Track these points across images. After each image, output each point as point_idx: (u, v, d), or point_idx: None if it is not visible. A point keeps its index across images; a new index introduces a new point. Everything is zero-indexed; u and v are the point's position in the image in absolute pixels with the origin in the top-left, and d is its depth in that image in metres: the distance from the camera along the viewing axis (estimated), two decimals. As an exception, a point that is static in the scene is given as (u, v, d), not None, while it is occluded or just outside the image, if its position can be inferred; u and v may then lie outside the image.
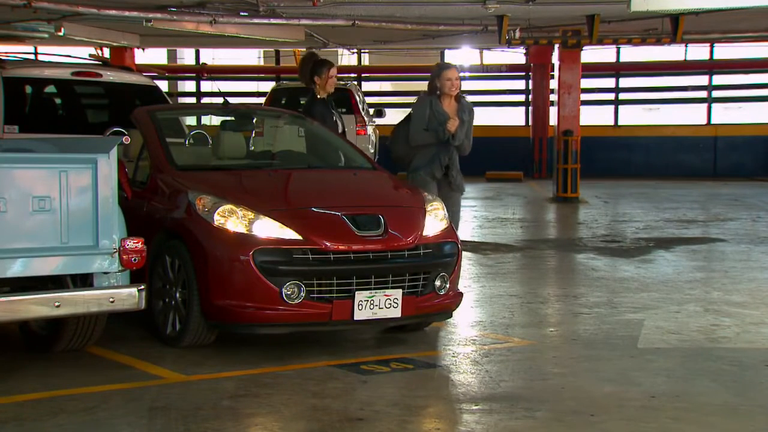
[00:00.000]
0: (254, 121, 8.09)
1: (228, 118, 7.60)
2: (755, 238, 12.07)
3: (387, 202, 6.54)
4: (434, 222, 6.44)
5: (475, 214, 15.03)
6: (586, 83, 19.88)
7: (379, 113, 19.53)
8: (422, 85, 7.86)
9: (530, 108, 24.32)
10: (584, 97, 19.07)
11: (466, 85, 25.02)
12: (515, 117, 25.01)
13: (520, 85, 25.08)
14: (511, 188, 20.06)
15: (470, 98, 8.19)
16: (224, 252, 5.86)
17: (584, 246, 11.38)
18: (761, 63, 23.87)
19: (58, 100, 9.24)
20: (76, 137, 6.17)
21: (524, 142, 23.88)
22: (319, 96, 8.55)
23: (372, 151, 18.08)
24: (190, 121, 17.19)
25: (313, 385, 5.35)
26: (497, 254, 10.67)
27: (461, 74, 8.10)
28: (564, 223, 14.43)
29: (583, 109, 18.40)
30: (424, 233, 6.28)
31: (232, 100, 7.96)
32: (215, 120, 9.51)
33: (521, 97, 25.01)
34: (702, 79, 24.46)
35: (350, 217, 6.10)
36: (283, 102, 17.59)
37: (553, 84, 19.24)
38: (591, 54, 21.28)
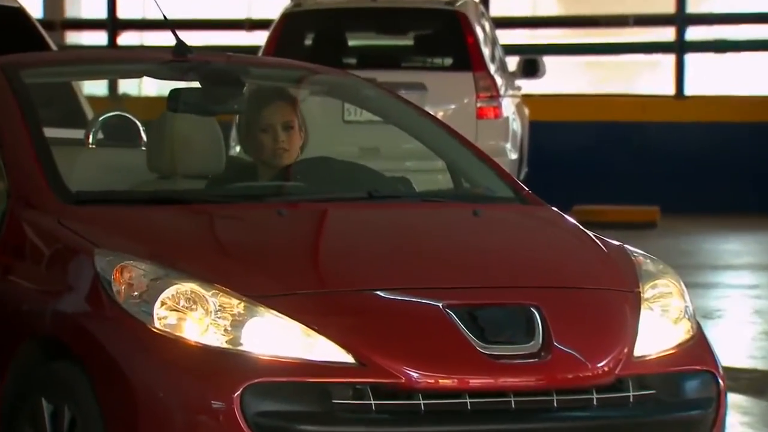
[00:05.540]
0: (243, 90, 8.13)
1: (184, 84, 7.46)
2: None
3: (549, 279, 6.27)
4: (659, 323, 6.15)
5: (754, 305, 14.88)
6: None
7: (532, 67, 18.47)
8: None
9: None
10: None
11: None
12: None
13: None
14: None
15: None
16: (177, 392, 5.68)
17: None
18: None
19: None
20: None
21: None
22: None
23: (514, 156, 16.92)
24: (97, 88, 17.71)
25: None
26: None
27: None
28: None
29: None
30: (637, 351, 5.95)
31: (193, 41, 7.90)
32: (153, 86, 9.28)
33: None
34: None
35: (464, 312, 5.82)
36: (305, 45, 17.72)
37: None
38: None
